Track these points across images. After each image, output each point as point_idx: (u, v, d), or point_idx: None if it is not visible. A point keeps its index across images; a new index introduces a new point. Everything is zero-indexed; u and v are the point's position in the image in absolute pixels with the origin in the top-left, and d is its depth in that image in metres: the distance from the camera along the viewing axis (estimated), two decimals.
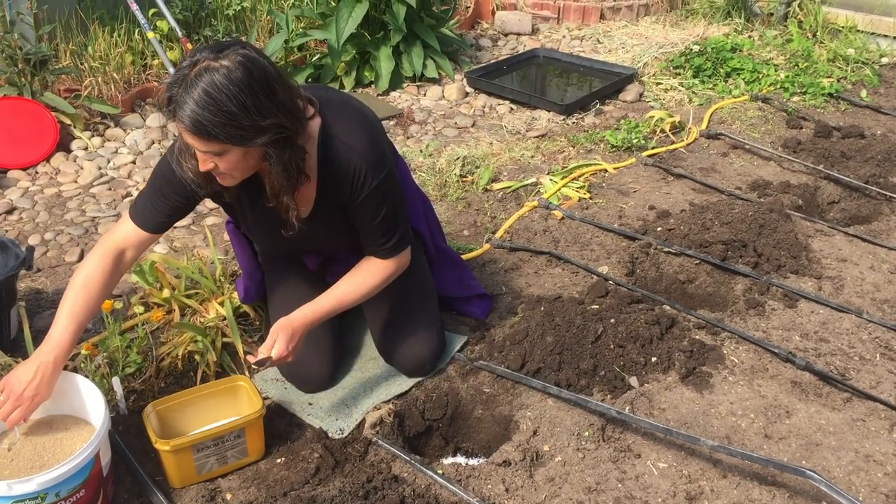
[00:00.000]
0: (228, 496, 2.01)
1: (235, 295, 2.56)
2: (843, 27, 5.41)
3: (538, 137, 4.12)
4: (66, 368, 1.98)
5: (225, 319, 2.48)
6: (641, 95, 4.67)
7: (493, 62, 5.07)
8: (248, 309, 2.56)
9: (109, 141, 3.92)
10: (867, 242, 3.12)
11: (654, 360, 2.42)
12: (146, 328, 2.43)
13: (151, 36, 4.12)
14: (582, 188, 3.53)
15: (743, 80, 4.77)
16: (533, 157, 3.87)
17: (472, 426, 2.32)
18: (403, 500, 1.93)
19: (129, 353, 2.28)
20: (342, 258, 2.42)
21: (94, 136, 3.91)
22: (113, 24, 4.40)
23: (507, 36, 5.72)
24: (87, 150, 3.82)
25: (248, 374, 2.40)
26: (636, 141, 3.97)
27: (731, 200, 3.33)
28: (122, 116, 4.08)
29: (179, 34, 4.23)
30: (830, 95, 4.63)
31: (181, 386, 2.31)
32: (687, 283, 2.87)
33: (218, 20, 4.74)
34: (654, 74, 4.93)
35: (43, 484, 1.71)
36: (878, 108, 4.52)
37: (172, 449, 1.94)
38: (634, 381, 2.36)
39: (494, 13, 5.86)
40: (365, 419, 2.23)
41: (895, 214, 3.38)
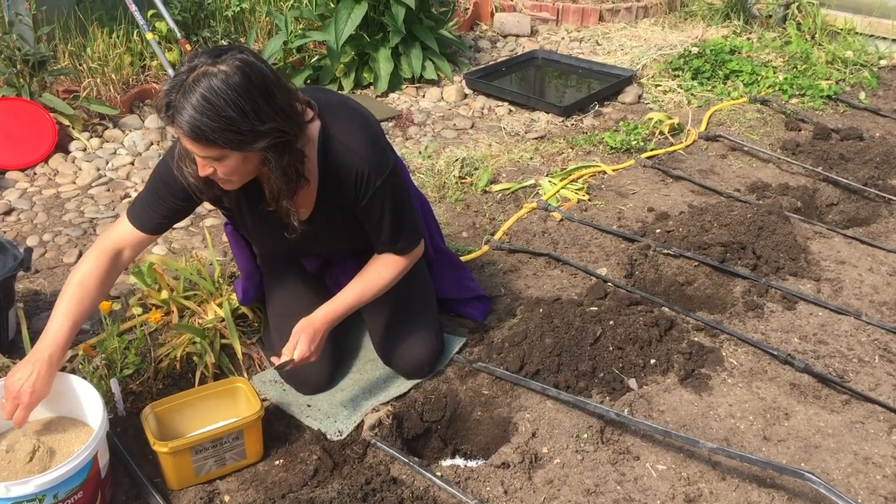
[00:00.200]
0: (227, 498, 2.00)
1: (234, 296, 2.55)
2: (841, 29, 5.42)
3: (537, 139, 4.12)
4: (63, 370, 1.97)
5: (223, 321, 2.47)
6: (640, 97, 4.67)
7: (492, 64, 5.08)
8: (246, 310, 2.56)
9: (108, 142, 3.92)
10: (866, 244, 3.12)
11: (652, 362, 2.42)
12: (144, 329, 2.43)
13: (150, 37, 4.12)
14: (581, 190, 3.53)
15: (742, 82, 4.78)
16: (532, 158, 3.87)
17: (470, 428, 2.32)
18: (402, 501, 1.93)
19: (127, 354, 2.27)
20: (341, 260, 2.42)
21: (92, 137, 3.91)
22: (112, 25, 4.40)
23: (505, 38, 5.72)
24: (85, 151, 3.82)
25: (245, 375, 2.40)
26: (635, 143, 3.97)
27: (729, 202, 3.33)
28: (120, 117, 4.08)
29: (178, 35, 4.23)
30: (829, 97, 4.63)
31: (179, 387, 2.30)
32: (686, 284, 2.87)
33: (217, 21, 4.73)
34: (652, 76, 4.93)
35: (41, 486, 1.71)
36: (876, 110, 4.52)
37: (171, 451, 1.94)
38: (633, 383, 2.36)
39: (493, 15, 5.86)
40: (363, 421, 2.22)
41: (894, 216, 3.38)
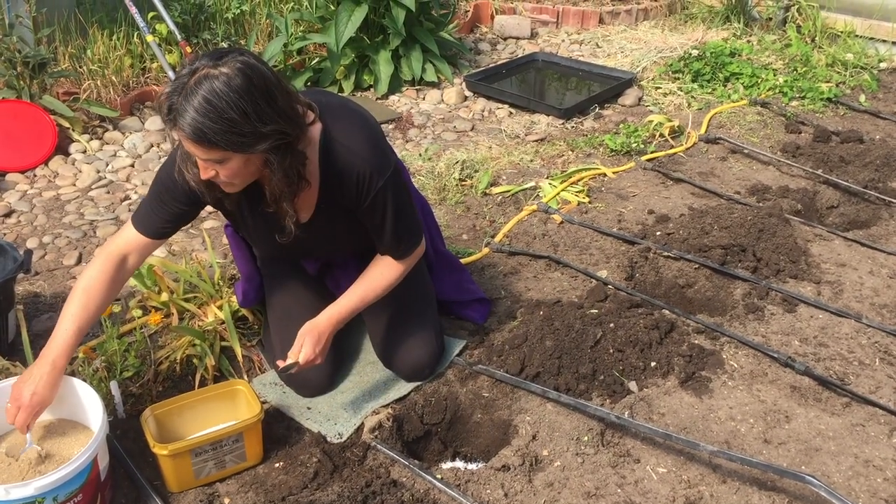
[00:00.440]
0: (226, 501, 2.00)
1: (234, 299, 2.55)
2: (841, 32, 5.42)
3: (537, 141, 4.12)
4: (64, 372, 1.97)
5: (223, 323, 2.47)
6: (640, 100, 4.67)
7: (492, 66, 5.08)
8: (246, 313, 2.56)
9: (108, 144, 3.92)
10: (866, 247, 3.11)
11: (653, 364, 2.42)
12: (144, 332, 2.43)
13: (150, 39, 4.12)
14: (581, 192, 3.54)
15: (742, 84, 4.78)
16: (532, 161, 3.87)
17: (470, 431, 2.32)
18: None
19: (127, 356, 2.27)
20: (341, 263, 2.42)
21: (92, 139, 3.91)
22: (112, 27, 4.40)
23: (506, 40, 5.72)
24: (85, 153, 3.82)
25: (245, 378, 2.40)
26: (635, 145, 3.97)
27: (730, 205, 3.33)
28: (120, 120, 4.08)
29: (178, 38, 4.23)
30: (829, 100, 4.63)
31: (179, 390, 2.30)
32: (686, 287, 2.87)
33: (217, 24, 4.74)
34: (653, 79, 4.93)
35: (41, 488, 1.71)
36: (876, 112, 4.52)
37: (170, 453, 1.93)
38: (633, 385, 2.36)
39: (493, 17, 5.87)
40: (364, 423, 2.22)
41: (894, 219, 3.37)
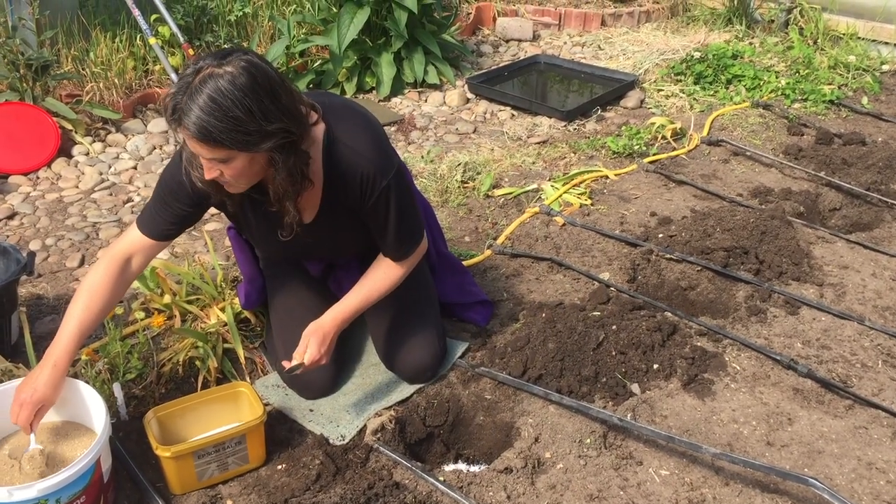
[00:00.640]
0: (229, 503, 2.00)
1: (236, 301, 2.55)
2: (843, 34, 5.42)
3: (539, 144, 4.12)
4: (67, 372, 1.98)
5: (226, 325, 2.48)
6: (642, 102, 4.67)
7: (494, 68, 5.08)
8: (249, 315, 2.56)
9: (111, 146, 3.93)
10: (869, 249, 3.11)
11: (655, 367, 2.42)
12: (147, 334, 2.43)
13: (153, 41, 4.13)
14: (583, 194, 3.54)
15: (744, 86, 4.77)
16: (534, 163, 3.87)
17: (473, 433, 2.32)
18: None
19: (129, 358, 2.27)
20: (344, 264, 2.42)
21: (95, 141, 3.92)
22: (115, 29, 4.41)
23: (508, 42, 5.73)
24: (88, 155, 3.83)
25: (248, 380, 2.40)
26: (637, 147, 3.97)
27: (732, 207, 3.33)
28: (123, 122, 4.08)
29: (181, 40, 4.24)
30: (831, 102, 4.63)
31: (182, 392, 2.30)
32: (688, 289, 2.87)
33: (219, 26, 4.75)
34: (655, 81, 4.93)
35: (43, 490, 1.71)
36: (879, 115, 4.52)
37: (173, 455, 1.93)
38: (636, 387, 2.36)
39: (496, 20, 5.87)
40: (366, 425, 2.22)
41: None
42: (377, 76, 4.69)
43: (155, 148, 3.94)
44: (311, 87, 4.62)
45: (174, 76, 4.06)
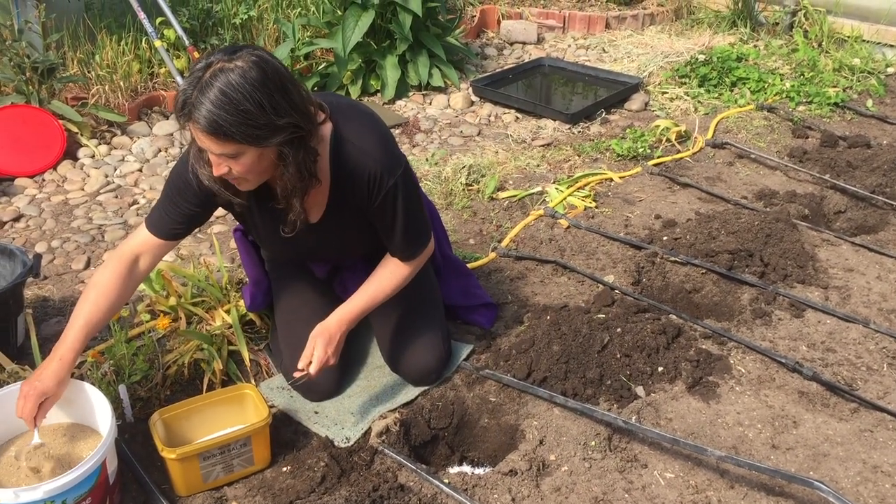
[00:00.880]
0: None
1: (241, 303, 2.56)
2: (848, 37, 5.41)
3: (544, 146, 4.12)
4: (72, 376, 1.98)
5: (231, 327, 2.48)
6: (647, 104, 4.67)
7: (498, 71, 5.08)
8: (254, 317, 2.57)
9: (116, 149, 3.94)
10: (874, 252, 3.11)
11: (660, 369, 2.42)
12: (152, 336, 2.43)
13: (159, 44, 4.14)
14: (588, 197, 3.54)
15: (748, 89, 4.77)
16: (538, 165, 3.88)
17: (478, 435, 2.32)
18: None
19: (135, 360, 2.28)
20: (350, 266, 2.42)
21: (100, 144, 3.93)
22: (120, 32, 4.42)
23: (512, 45, 5.73)
24: (93, 157, 3.84)
25: (253, 382, 2.40)
26: (642, 150, 3.97)
27: (737, 210, 3.33)
28: (128, 124, 4.10)
29: (186, 43, 4.25)
30: (836, 105, 4.62)
31: (187, 394, 2.31)
32: (693, 292, 2.86)
33: (225, 29, 4.76)
34: (659, 84, 4.93)
35: (50, 492, 1.71)
36: (884, 117, 4.51)
37: (178, 457, 1.94)
38: (641, 390, 2.36)
39: (500, 22, 5.88)
40: (371, 428, 2.22)
41: None
42: (382, 79, 4.69)
43: (160, 150, 3.95)
44: (315, 89, 4.63)
45: (179, 79, 4.07)
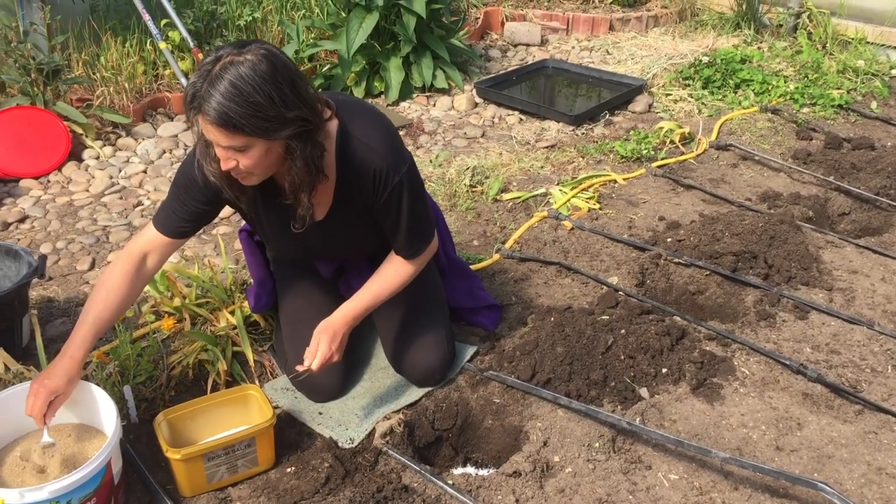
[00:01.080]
0: None
1: (246, 304, 2.56)
2: (852, 39, 5.41)
3: (548, 148, 4.13)
4: (83, 365, 1.99)
5: (235, 328, 2.49)
6: (651, 106, 4.67)
7: (502, 73, 5.09)
8: (258, 318, 2.57)
9: (121, 150, 3.95)
10: (878, 254, 3.10)
11: (664, 371, 2.42)
12: (157, 337, 2.44)
13: (163, 46, 4.15)
14: (591, 199, 3.54)
15: (752, 91, 4.77)
16: (542, 167, 3.88)
17: (481, 436, 2.32)
18: None
19: (140, 361, 2.29)
20: (355, 267, 2.42)
21: (105, 145, 3.94)
22: (125, 34, 4.43)
23: (516, 47, 5.74)
24: (98, 159, 3.85)
25: (257, 383, 2.41)
26: (646, 152, 3.97)
27: (741, 212, 3.33)
28: (133, 126, 4.11)
29: (191, 45, 4.26)
30: (840, 107, 4.62)
31: (192, 395, 2.31)
32: (697, 294, 2.86)
33: (229, 31, 4.77)
34: (663, 85, 4.93)
35: (55, 492, 1.72)
36: (888, 119, 4.51)
37: (183, 458, 1.94)
38: (645, 392, 2.36)
39: (504, 24, 5.88)
40: (375, 429, 2.23)
41: None
42: (386, 81, 4.70)
43: (165, 152, 3.96)
44: (320, 90, 4.62)
45: (184, 81, 4.08)
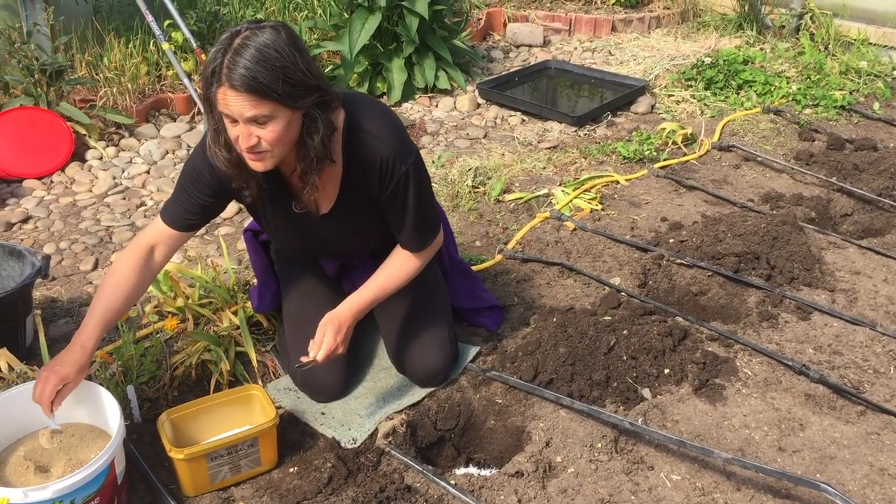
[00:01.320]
0: None
1: (249, 304, 2.57)
2: (855, 40, 5.40)
3: (550, 149, 4.13)
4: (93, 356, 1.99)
5: (238, 329, 2.49)
6: (653, 107, 4.67)
7: (504, 74, 5.09)
8: (261, 318, 2.58)
9: (124, 151, 3.96)
10: (880, 255, 3.10)
11: (666, 371, 2.42)
12: (160, 337, 2.45)
13: (166, 47, 4.16)
14: (594, 199, 3.54)
15: (755, 92, 4.77)
16: (545, 168, 3.88)
17: (484, 437, 2.32)
18: None
19: (143, 361, 2.29)
20: (360, 264, 2.42)
21: (108, 146, 3.95)
22: (128, 35, 4.44)
23: (518, 48, 5.74)
24: (101, 159, 3.86)
25: (260, 383, 2.41)
26: (648, 153, 3.97)
27: (743, 212, 3.33)
28: (136, 127, 4.11)
29: (194, 45, 4.26)
30: (843, 108, 4.62)
31: (195, 395, 2.32)
32: (699, 294, 2.86)
33: None
34: (665, 86, 4.93)
35: (58, 491, 1.72)
36: (890, 120, 4.50)
37: (186, 457, 1.95)
38: (647, 392, 2.36)
39: (506, 25, 5.89)
40: (377, 429, 2.23)
41: None
42: (388, 81, 4.70)
43: (168, 152, 3.96)
44: None
45: (187, 81, 4.08)
